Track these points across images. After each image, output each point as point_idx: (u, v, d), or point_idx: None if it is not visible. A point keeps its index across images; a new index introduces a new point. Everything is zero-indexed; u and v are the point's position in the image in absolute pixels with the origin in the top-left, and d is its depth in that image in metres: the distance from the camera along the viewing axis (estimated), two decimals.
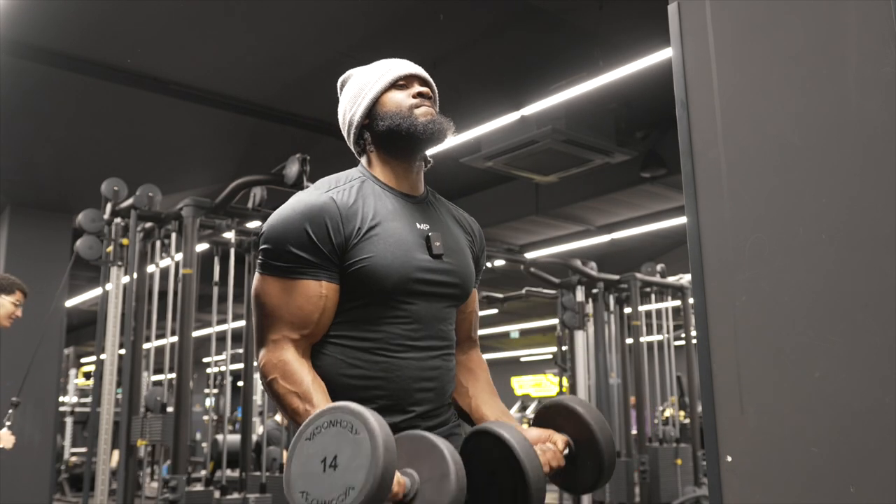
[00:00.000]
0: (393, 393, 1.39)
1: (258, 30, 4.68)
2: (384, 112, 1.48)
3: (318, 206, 1.39)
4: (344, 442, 1.14)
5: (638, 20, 4.52)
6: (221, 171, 6.59)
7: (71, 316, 11.53)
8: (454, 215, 1.61)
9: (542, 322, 13.13)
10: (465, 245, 1.56)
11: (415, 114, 1.47)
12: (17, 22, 4.43)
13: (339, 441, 1.14)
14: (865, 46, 1.14)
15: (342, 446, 1.14)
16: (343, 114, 1.55)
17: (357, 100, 1.51)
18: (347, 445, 1.13)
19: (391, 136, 1.47)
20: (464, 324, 1.61)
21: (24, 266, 7.15)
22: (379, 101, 1.49)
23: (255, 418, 7.46)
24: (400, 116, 1.46)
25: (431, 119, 1.47)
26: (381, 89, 1.49)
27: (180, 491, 4.24)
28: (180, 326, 4.56)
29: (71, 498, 9.09)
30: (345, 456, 1.13)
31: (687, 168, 1.34)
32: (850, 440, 1.09)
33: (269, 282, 1.39)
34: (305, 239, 1.36)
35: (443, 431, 1.45)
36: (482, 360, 1.66)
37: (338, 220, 1.38)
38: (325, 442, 1.16)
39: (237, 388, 8.28)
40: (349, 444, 1.13)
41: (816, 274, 1.15)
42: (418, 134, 1.45)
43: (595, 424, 1.40)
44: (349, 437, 1.14)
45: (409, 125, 1.45)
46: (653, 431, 6.82)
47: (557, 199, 7.46)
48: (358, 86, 1.52)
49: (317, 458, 1.16)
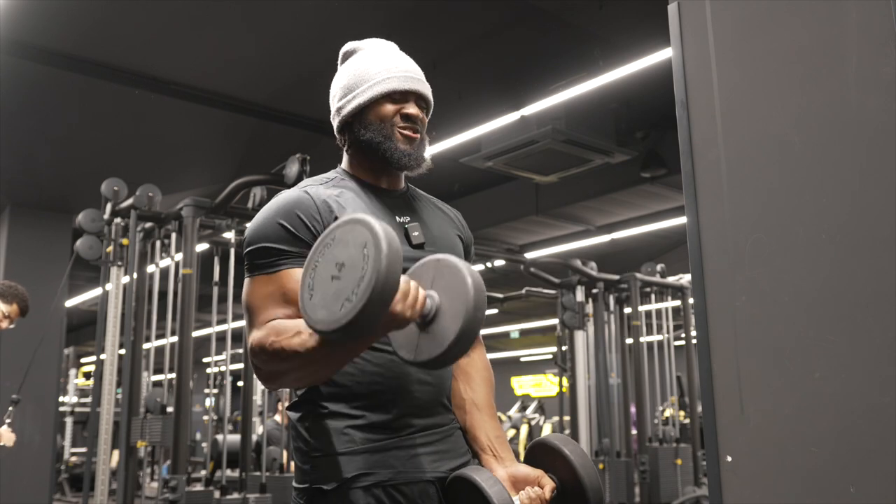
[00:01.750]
0: (391, 388, 1.37)
1: (258, 30, 4.68)
2: (368, 122, 1.45)
3: (292, 199, 1.38)
4: (352, 241, 1.14)
5: (638, 20, 4.52)
6: (221, 171, 6.59)
7: (71, 316, 11.52)
8: (439, 208, 1.59)
9: (542, 322, 13.14)
10: (452, 236, 1.54)
11: (396, 136, 1.44)
12: (17, 22, 4.43)
13: (347, 246, 1.15)
14: (865, 46, 1.14)
15: (350, 250, 1.14)
16: (333, 95, 1.52)
17: (348, 94, 1.48)
18: (355, 248, 1.13)
19: (368, 149, 1.46)
20: None
21: (24, 266, 7.16)
22: (368, 108, 1.46)
23: (255, 418, 7.45)
24: (382, 134, 1.44)
25: (410, 147, 1.45)
26: (373, 96, 1.45)
27: (180, 491, 4.24)
28: (180, 326, 4.56)
29: (71, 498, 9.09)
30: (351, 261, 1.13)
31: (687, 168, 1.34)
32: (850, 440, 1.09)
33: (254, 282, 1.37)
34: (282, 232, 1.35)
35: (443, 431, 1.44)
36: (485, 362, 1.60)
37: (312, 210, 1.37)
38: (336, 251, 1.16)
39: (237, 388, 8.28)
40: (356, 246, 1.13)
41: (816, 274, 1.15)
42: (393, 160, 1.44)
43: (582, 469, 1.39)
44: (358, 233, 1.14)
45: (387, 147, 1.44)
46: (653, 431, 6.82)
47: (557, 199, 7.46)
48: (356, 76, 1.48)
49: (326, 272, 1.16)
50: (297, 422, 1.40)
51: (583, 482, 1.37)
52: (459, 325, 1.15)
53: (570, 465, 1.39)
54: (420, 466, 1.37)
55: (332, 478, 1.32)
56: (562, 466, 1.41)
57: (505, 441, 1.50)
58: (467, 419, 1.51)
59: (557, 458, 1.41)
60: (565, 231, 8.50)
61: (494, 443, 1.47)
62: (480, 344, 1.63)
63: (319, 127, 5.78)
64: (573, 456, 1.39)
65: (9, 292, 3.61)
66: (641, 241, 8.76)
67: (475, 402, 1.52)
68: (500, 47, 4.96)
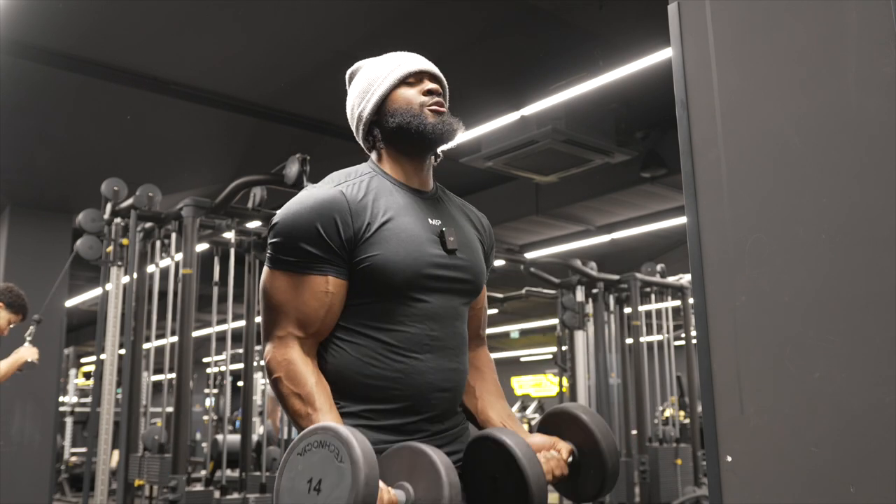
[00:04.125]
0: (411, 395, 1.37)
1: (258, 30, 4.68)
2: (394, 109, 1.47)
3: (328, 200, 1.37)
4: (329, 467, 1.14)
5: (638, 20, 4.52)
6: (221, 171, 6.59)
7: (71, 316, 11.52)
8: (464, 211, 1.60)
9: (542, 322, 13.14)
10: (475, 240, 1.56)
11: (425, 112, 1.46)
12: (17, 22, 4.43)
13: (324, 465, 1.15)
14: (865, 46, 1.14)
15: (327, 471, 1.14)
16: (351, 109, 1.54)
17: (366, 95, 1.49)
18: (332, 472, 1.14)
19: (401, 134, 1.46)
20: (473, 321, 1.59)
21: (24, 266, 7.16)
22: (389, 98, 1.47)
23: (255, 418, 7.45)
24: (410, 115, 1.45)
25: (441, 119, 1.47)
26: (390, 85, 1.47)
27: (180, 491, 4.24)
28: (180, 326, 4.56)
29: (71, 498, 9.08)
30: (328, 482, 1.13)
31: (687, 168, 1.34)
32: (850, 440, 1.09)
33: (277, 276, 1.38)
34: (314, 234, 1.35)
35: (453, 434, 1.45)
36: (490, 358, 1.64)
37: (347, 215, 1.36)
38: (313, 462, 1.16)
39: (237, 388, 8.27)
40: (333, 471, 1.13)
41: (816, 274, 1.15)
42: (427, 133, 1.45)
43: (599, 433, 1.40)
44: (334, 463, 1.14)
45: (419, 124, 1.45)
46: (653, 431, 6.82)
47: (557, 199, 7.46)
48: (367, 80, 1.50)
49: (304, 477, 1.17)
50: None
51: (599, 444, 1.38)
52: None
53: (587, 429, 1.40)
54: None
55: None
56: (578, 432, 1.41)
57: (516, 419, 1.53)
58: (478, 403, 1.53)
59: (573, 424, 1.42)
60: (565, 231, 8.50)
61: (507, 420, 1.50)
62: (485, 343, 1.65)
63: (319, 127, 5.78)
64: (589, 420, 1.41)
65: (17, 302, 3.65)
66: (641, 241, 8.76)
67: (485, 388, 1.56)
68: (500, 47, 4.95)
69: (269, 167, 4.87)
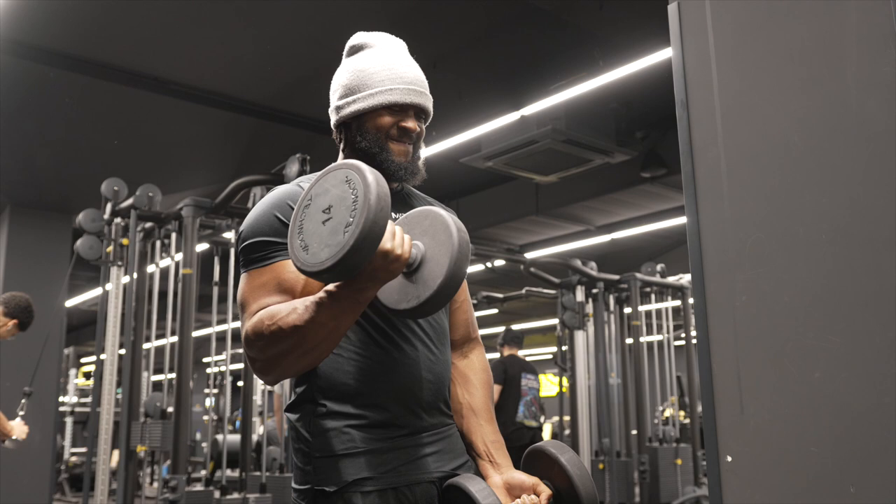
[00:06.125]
0: (389, 385, 1.37)
1: (258, 29, 4.68)
2: (365, 129, 1.45)
3: (284, 193, 1.40)
4: (340, 192, 1.19)
5: (638, 20, 4.52)
6: (221, 171, 6.59)
7: (71, 316, 11.52)
8: (430, 203, 1.58)
9: (542, 322, 13.13)
10: None
11: (390, 149, 1.44)
12: (17, 22, 4.43)
13: (336, 192, 1.20)
14: (865, 46, 1.14)
15: (338, 197, 1.19)
16: (335, 90, 1.51)
17: (351, 94, 1.46)
18: (342, 195, 1.18)
19: (363, 157, 1.44)
20: (458, 315, 1.56)
21: (24, 266, 7.16)
22: (366, 114, 1.45)
23: (255, 418, 7.45)
24: (377, 146, 1.44)
25: (403, 164, 1.45)
26: (372, 105, 1.43)
27: (180, 491, 4.25)
28: (180, 326, 4.56)
29: (71, 498, 9.08)
30: (340, 206, 1.18)
31: (687, 168, 1.34)
32: (850, 440, 1.09)
33: (249, 276, 1.37)
34: (275, 223, 1.35)
35: (442, 433, 1.44)
36: (484, 364, 1.58)
37: None
38: (318, 204, 1.21)
39: (237, 388, 8.28)
40: (344, 194, 1.18)
41: (816, 274, 1.15)
42: (388, 170, 1.43)
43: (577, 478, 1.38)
44: (344, 186, 1.19)
45: (384, 159, 1.43)
46: (653, 431, 6.82)
47: (557, 199, 7.46)
48: (359, 77, 1.46)
49: (315, 218, 1.21)
50: (295, 422, 1.39)
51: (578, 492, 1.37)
52: (446, 268, 1.20)
53: (566, 474, 1.39)
54: (422, 468, 1.37)
55: (334, 480, 1.32)
56: (558, 474, 1.41)
57: (502, 446, 1.49)
58: (464, 424, 1.50)
59: (554, 465, 1.41)
60: (565, 231, 8.50)
61: (491, 448, 1.47)
62: (479, 345, 1.62)
63: (319, 127, 5.78)
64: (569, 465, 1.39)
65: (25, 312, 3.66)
66: (641, 241, 8.76)
67: (472, 407, 1.51)
68: (500, 47, 4.95)
69: (269, 167, 4.87)
